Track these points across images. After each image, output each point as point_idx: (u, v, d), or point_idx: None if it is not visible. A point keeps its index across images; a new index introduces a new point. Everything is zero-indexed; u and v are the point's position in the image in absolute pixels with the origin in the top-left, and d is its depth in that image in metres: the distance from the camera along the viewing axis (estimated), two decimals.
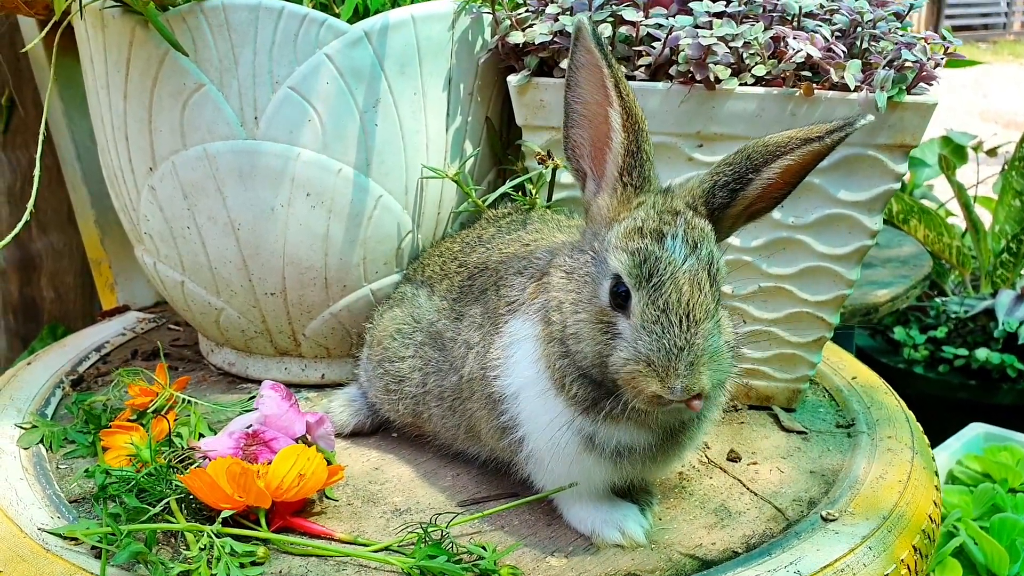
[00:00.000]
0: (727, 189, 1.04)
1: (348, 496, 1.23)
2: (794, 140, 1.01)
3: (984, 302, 3.26)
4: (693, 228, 1.01)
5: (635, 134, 1.03)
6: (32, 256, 2.30)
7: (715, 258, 1.01)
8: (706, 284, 0.99)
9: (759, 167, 1.02)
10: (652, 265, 0.98)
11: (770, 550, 1.12)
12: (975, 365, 3.12)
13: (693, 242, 1.00)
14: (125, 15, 1.29)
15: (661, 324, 0.97)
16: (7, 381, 1.48)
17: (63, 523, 1.12)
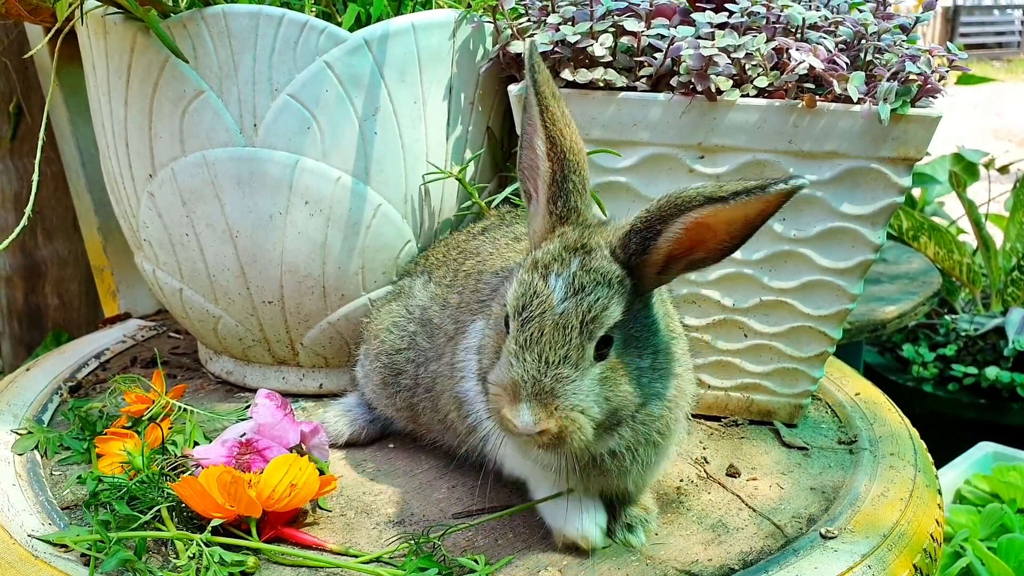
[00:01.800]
0: (640, 237, 0.99)
1: (341, 507, 1.22)
2: (699, 197, 0.94)
3: (994, 320, 3.23)
4: (588, 271, 0.99)
5: (560, 164, 1.03)
6: (37, 263, 2.30)
7: (599, 307, 0.97)
8: (573, 331, 0.96)
9: (666, 219, 0.96)
10: (528, 299, 0.98)
11: (767, 567, 1.10)
12: (985, 384, 3.09)
13: (579, 286, 0.98)
14: (127, 21, 1.29)
15: (518, 357, 0.97)
16: (5, 387, 1.48)
17: (54, 530, 1.12)
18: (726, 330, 1.41)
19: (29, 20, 1.53)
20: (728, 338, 1.42)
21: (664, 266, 1.01)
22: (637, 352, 1.02)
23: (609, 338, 0.99)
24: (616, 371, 1.00)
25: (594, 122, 1.31)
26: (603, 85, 1.29)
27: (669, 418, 1.08)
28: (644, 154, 1.31)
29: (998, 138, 8.71)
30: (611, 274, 0.99)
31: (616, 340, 1.00)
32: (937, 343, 3.32)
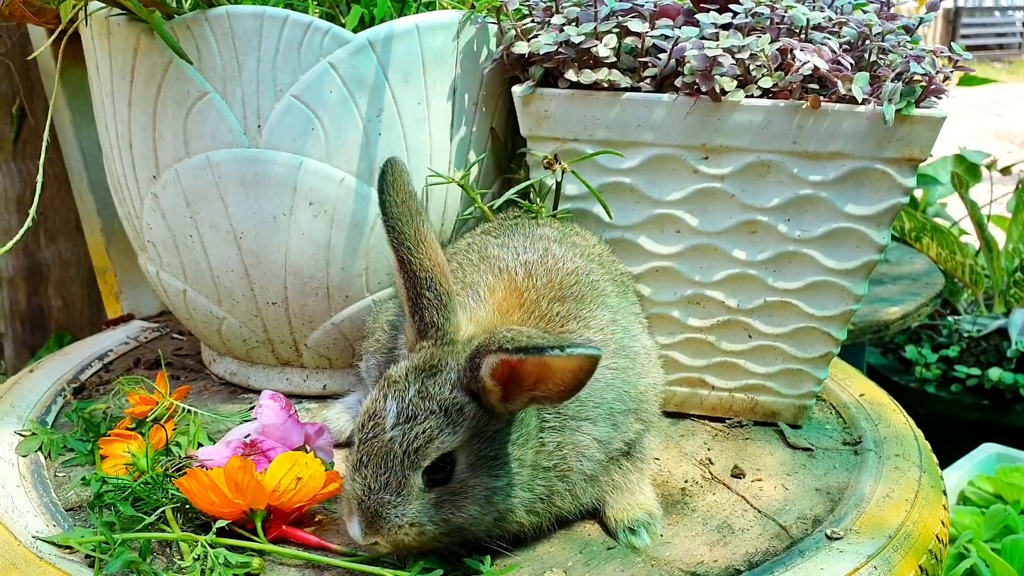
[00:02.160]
0: (469, 369, 0.99)
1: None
2: (492, 345, 0.95)
3: (997, 321, 3.23)
4: (424, 398, 0.99)
5: (411, 282, 1.05)
6: (40, 265, 2.30)
7: (426, 437, 0.98)
8: (396, 460, 0.98)
9: (478, 358, 0.97)
10: (366, 419, 1.01)
11: (773, 568, 1.10)
12: (988, 385, 3.09)
13: (410, 414, 0.99)
14: (131, 23, 1.29)
15: (351, 476, 1.01)
16: (8, 388, 1.48)
17: (58, 531, 1.12)
18: (730, 331, 1.41)
19: (32, 21, 1.53)
20: (732, 339, 1.41)
21: (505, 396, 1.00)
22: (488, 472, 1.02)
23: (445, 466, 1.00)
24: (459, 494, 1.01)
25: (598, 123, 1.31)
26: (607, 86, 1.29)
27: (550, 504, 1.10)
28: (648, 155, 1.31)
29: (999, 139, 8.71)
30: (447, 401, 0.99)
31: (460, 463, 1.01)
32: (940, 344, 3.32)
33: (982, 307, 3.46)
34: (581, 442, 1.09)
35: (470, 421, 1.00)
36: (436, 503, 1.00)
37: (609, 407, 1.11)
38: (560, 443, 1.08)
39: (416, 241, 1.05)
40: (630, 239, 1.37)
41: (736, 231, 1.34)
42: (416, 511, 0.99)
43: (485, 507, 1.02)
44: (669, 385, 1.46)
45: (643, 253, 1.37)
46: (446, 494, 1.00)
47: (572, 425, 1.09)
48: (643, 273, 1.38)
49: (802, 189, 1.30)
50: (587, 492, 1.14)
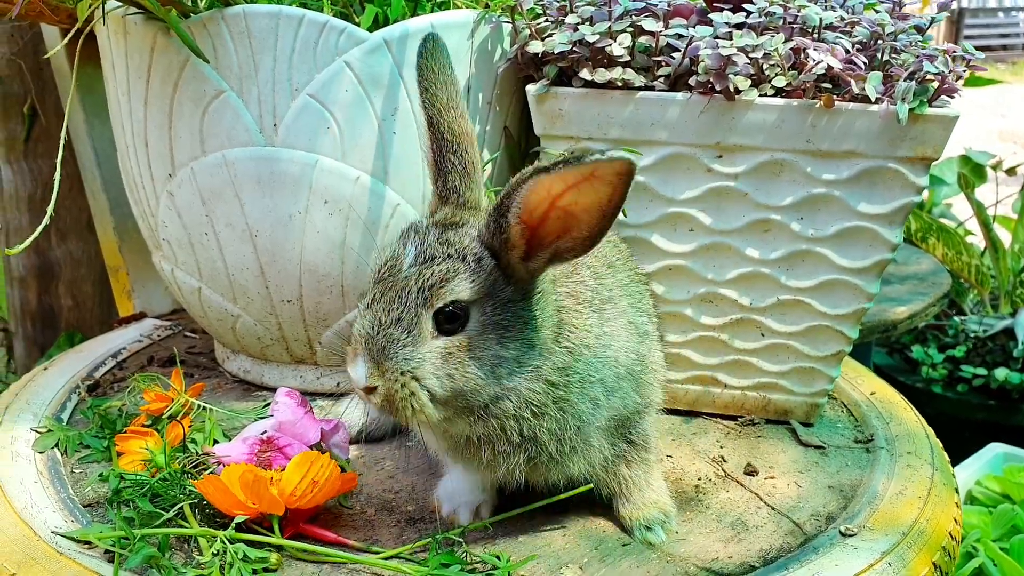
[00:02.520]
0: (495, 216, 0.97)
1: (362, 504, 1.22)
2: (529, 170, 0.93)
3: (1003, 321, 3.23)
4: (443, 243, 0.99)
5: (437, 144, 1.05)
6: (51, 264, 2.31)
7: (443, 278, 0.97)
8: (412, 295, 0.97)
9: (511, 195, 0.95)
10: (384, 263, 1.01)
11: (788, 564, 1.10)
12: (994, 385, 3.09)
13: (429, 255, 0.98)
14: (147, 22, 1.29)
15: (362, 314, 0.99)
16: (24, 385, 1.48)
17: (77, 526, 1.12)
18: (743, 329, 1.41)
19: (48, 21, 1.54)
20: (745, 337, 1.42)
21: (527, 253, 0.99)
22: (498, 340, 1.00)
23: (459, 315, 0.98)
24: (466, 351, 0.98)
25: (612, 122, 1.31)
26: (621, 85, 1.29)
27: (538, 423, 1.05)
28: (662, 153, 1.32)
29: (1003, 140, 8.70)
30: (467, 250, 0.99)
31: (472, 320, 0.99)
32: (946, 344, 3.32)
33: (988, 307, 3.46)
34: (589, 378, 1.07)
35: (487, 275, 0.98)
36: (444, 354, 0.98)
37: (615, 357, 1.10)
38: (569, 367, 1.05)
39: (447, 106, 1.06)
40: (644, 237, 1.37)
41: (749, 229, 1.34)
42: (425, 355, 0.97)
43: (489, 376, 0.99)
44: (682, 383, 1.48)
45: (656, 251, 1.38)
46: (454, 347, 0.98)
47: (586, 357, 1.07)
48: (656, 271, 1.39)
49: (815, 188, 1.30)
50: (576, 450, 1.09)
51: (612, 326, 1.11)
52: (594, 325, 1.08)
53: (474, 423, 1.03)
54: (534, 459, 1.07)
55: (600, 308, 1.11)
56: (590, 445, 1.11)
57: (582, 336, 1.07)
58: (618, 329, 1.12)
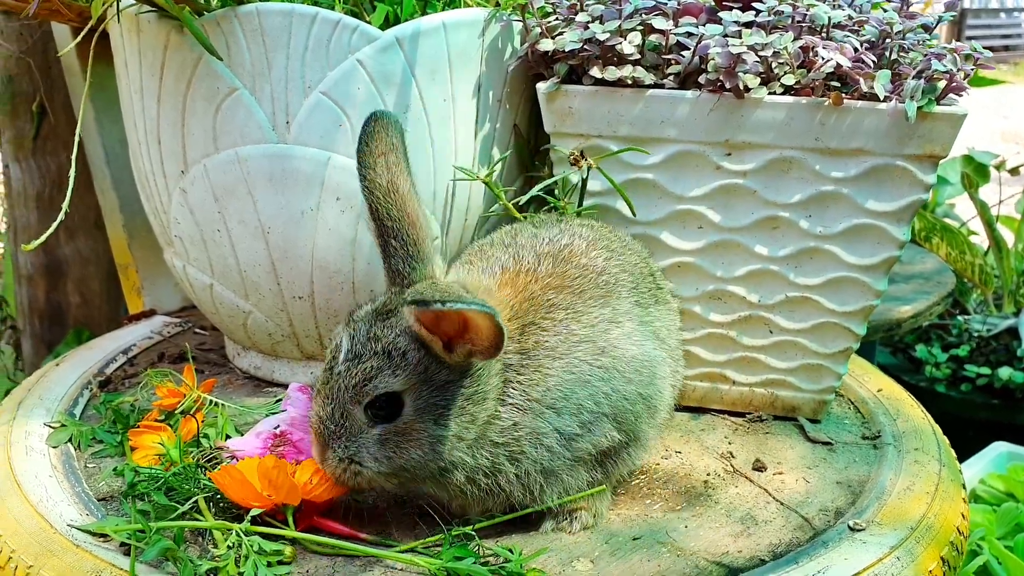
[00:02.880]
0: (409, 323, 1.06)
1: (374, 498, 1.23)
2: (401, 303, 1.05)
3: (1007, 321, 3.25)
4: (371, 339, 1.05)
5: (379, 229, 1.10)
6: (59, 261, 2.32)
7: (368, 376, 1.03)
8: (342, 392, 1.05)
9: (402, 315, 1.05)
10: (330, 352, 1.08)
11: (797, 558, 1.11)
12: (998, 384, 3.10)
13: (357, 352, 1.05)
14: (161, 20, 1.30)
15: (314, 400, 1.09)
16: (36, 381, 1.50)
17: (92, 520, 1.13)
18: (751, 326, 1.42)
19: (60, 19, 1.55)
20: (753, 334, 1.43)
21: (446, 347, 1.05)
22: (435, 420, 1.05)
23: (391, 404, 1.05)
24: (402, 435, 1.06)
25: (622, 119, 1.32)
26: (631, 83, 1.30)
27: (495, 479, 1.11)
28: (671, 151, 1.33)
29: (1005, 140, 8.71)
30: (391, 345, 1.04)
31: (407, 406, 1.05)
32: (949, 344, 3.34)
33: (991, 307, 3.47)
34: (540, 428, 1.10)
35: (414, 366, 1.04)
36: (380, 440, 1.05)
37: (579, 403, 1.11)
38: (517, 423, 1.09)
39: (387, 191, 1.09)
40: (652, 234, 1.38)
41: (758, 227, 1.35)
42: (361, 444, 1.06)
43: (429, 453, 1.06)
44: (690, 380, 1.48)
45: (665, 249, 1.39)
46: (391, 433, 1.05)
47: (535, 409, 1.09)
48: (666, 268, 1.40)
49: (824, 185, 1.31)
50: (546, 489, 1.13)
51: (580, 373, 1.12)
52: (550, 376, 1.10)
53: (435, 489, 1.11)
54: (507, 502, 1.13)
55: (567, 355, 1.11)
56: (560, 480, 1.14)
57: (529, 391, 1.10)
58: (590, 375, 1.12)
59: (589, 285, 1.18)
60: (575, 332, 1.13)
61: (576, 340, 1.12)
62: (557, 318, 1.13)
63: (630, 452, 1.19)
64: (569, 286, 1.17)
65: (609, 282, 1.20)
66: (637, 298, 1.22)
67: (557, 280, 1.17)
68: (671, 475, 1.32)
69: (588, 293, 1.17)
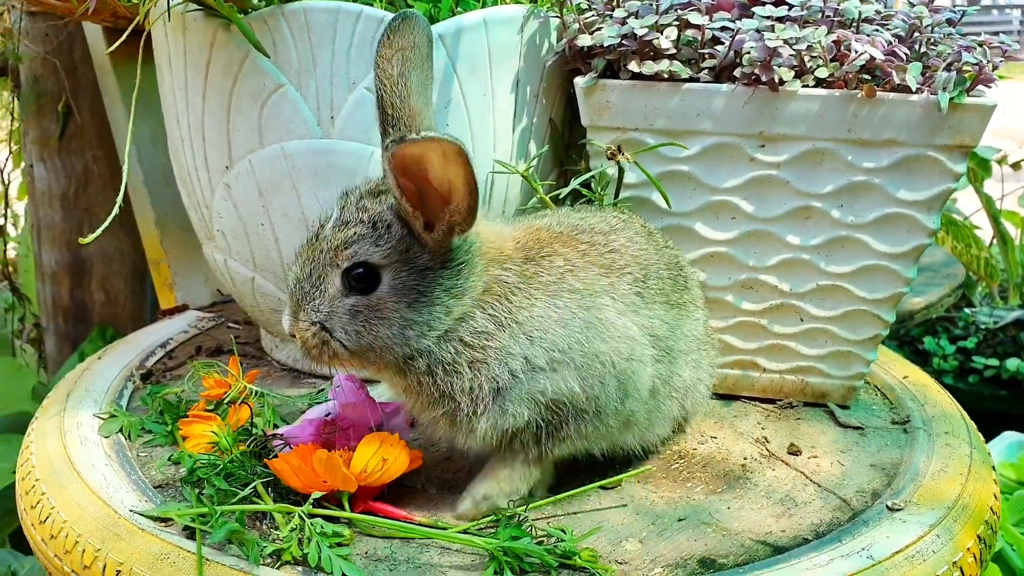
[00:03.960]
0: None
1: (423, 483, 1.26)
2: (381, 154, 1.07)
3: (1013, 313, 3.29)
4: (359, 209, 1.09)
5: (382, 117, 1.13)
6: (83, 259, 2.35)
7: (350, 241, 1.07)
8: (323, 255, 1.08)
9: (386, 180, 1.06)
10: (318, 223, 1.13)
11: (840, 537, 1.14)
12: (1005, 375, 3.14)
13: (345, 219, 1.09)
14: (207, 18, 1.33)
15: (290, 268, 1.14)
16: (81, 374, 1.52)
17: (150, 506, 1.16)
18: (783, 314, 1.45)
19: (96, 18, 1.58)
20: (784, 322, 1.46)
21: (428, 224, 1.08)
22: (409, 304, 1.08)
23: (368, 276, 1.08)
24: (375, 311, 1.08)
25: (658, 112, 1.35)
26: (667, 77, 1.33)
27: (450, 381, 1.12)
28: (707, 143, 1.36)
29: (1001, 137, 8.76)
30: (377, 217, 1.08)
31: (384, 283, 1.08)
32: (956, 336, 3.37)
33: (997, 299, 3.51)
34: (511, 349, 1.12)
35: (396, 241, 1.07)
36: (352, 311, 1.08)
37: (553, 340, 1.13)
38: (491, 334, 1.12)
39: (395, 81, 1.12)
40: (687, 225, 1.41)
41: (790, 217, 1.38)
42: (329, 309, 1.09)
43: (398, 335, 1.09)
44: (722, 368, 1.51)
45: (699, 239, 1.42)
46: (363, 306, 1.08)
47: (513, 329, 1.12)
48: (699, 258, 1.43)
49: (856, 176, 1.34)
50: (487, 415, 1.13)
51: (563, 315, 1.14)
52: (536, 306, 1.13)
53: (394, 375, 1.14)
54: (451, 414, 1.15)
55: (556, 295, 1.15)
56: (503, 411, 1.14)
57: (514, 313, 1.13)
58: (571, 321, 1.14)
59: (595, 254, 1.21)
60: (569, 282, 1.16)
61: (568, 288, 1.15)
62: (556, 264, 1.17)
63: (582, 424, 1.17)
64: (577, 247, 1.21)
65: (616, 261, 1.22)
66: (640, 289, 1.23)
67: (567, 239, 1.22)
68: (709, 459, 1.35)
69: (591, 259, 1.20)
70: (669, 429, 1.32)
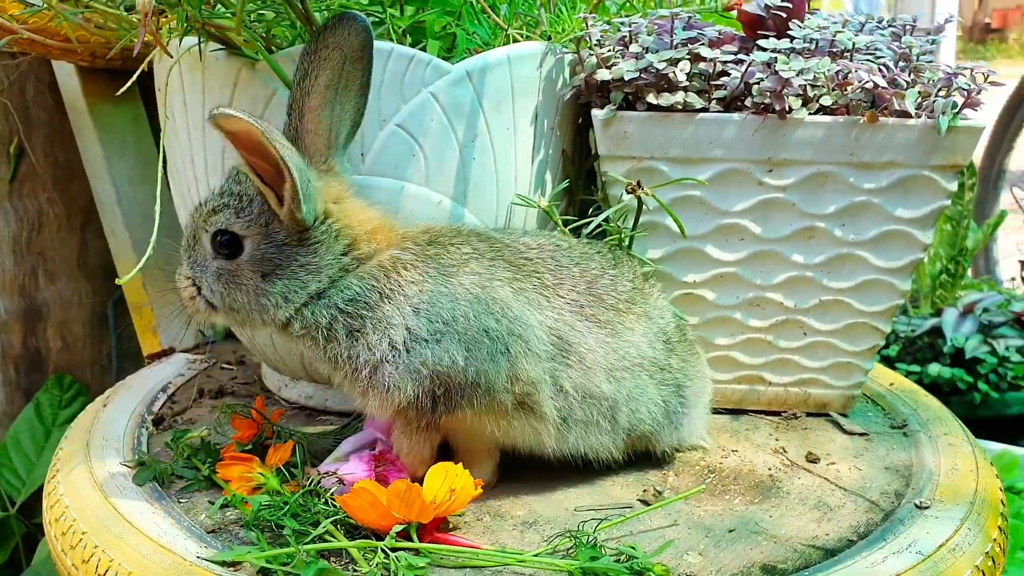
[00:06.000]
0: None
1: (475, 512, 1.27)
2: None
3: (928, 321, 3.48)
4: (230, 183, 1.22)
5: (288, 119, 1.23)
6: (38, 306, 2.26)
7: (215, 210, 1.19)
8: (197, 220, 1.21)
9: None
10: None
11: (884, 536, 1.21)
12: (927, 380, 3.32)
13: (219, 192, 1.22)
14: (230, 57, 1.33)
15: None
16: (92, 423, 1.48)
17: (211, 551, 1.14)
18: (787, 330, 1.53)
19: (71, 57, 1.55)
20: (789, 337, 1.54)
21: (280, 201, 1.17)
22: (264, 275, 1.19)
23: (231, 244, 1.19)
24: (234, 276, 1.20)
25: (673, 142, 1.41)
26: (682, 107, 1.40)
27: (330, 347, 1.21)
28: (718, 169, 1.42)
29: None
30: (243, 191, 1.19)
31: (245, 251, 1.19)
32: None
33: (910, 309, 3.71)
34: (392, 319, 1.19)
35: (257, 216, 1.18)
36: (216, 273, 1.20)
37: (439, 312, 1.19)
38: (371, 304, 1.20)
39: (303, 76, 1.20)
40: (698, 248, 1.48)
41: (795, 237, 1.46)
42: (200, 268, 1.21)
43: (254, 301, 1.20)
44: (728, 383, 1.58)
45: (709, 260, 1.48)
46: (225, 271, 1.19)
47: (398, 301, 1.19)
48: (709, 279, 1.49)
49: (857, 196, 1.43)
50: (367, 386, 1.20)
51: (456, 291, 1.20)
52: (427, 282, 1.21)
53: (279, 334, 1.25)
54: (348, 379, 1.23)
55: (453, 275, 1.21)
56: (387, 387, 1.19)
57: (405, 286, 1.20)
58: (462, 297, 1.20)
59: (508, 254, 1.27)
60: (471, 266, 1.23)
61: (468, 271, 1.22)
62: (463, 250, 1.24)
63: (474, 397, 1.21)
64: (492, 245, 1.27)
65: (526, 266, 1.28)
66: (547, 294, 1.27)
67: (486, 238, 1.28)
68: (737, 472, 1.41)
69: (502, 256, 1.27)
70: (608, 440, 1.32)
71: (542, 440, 1.29)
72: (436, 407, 1.21)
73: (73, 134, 2.01)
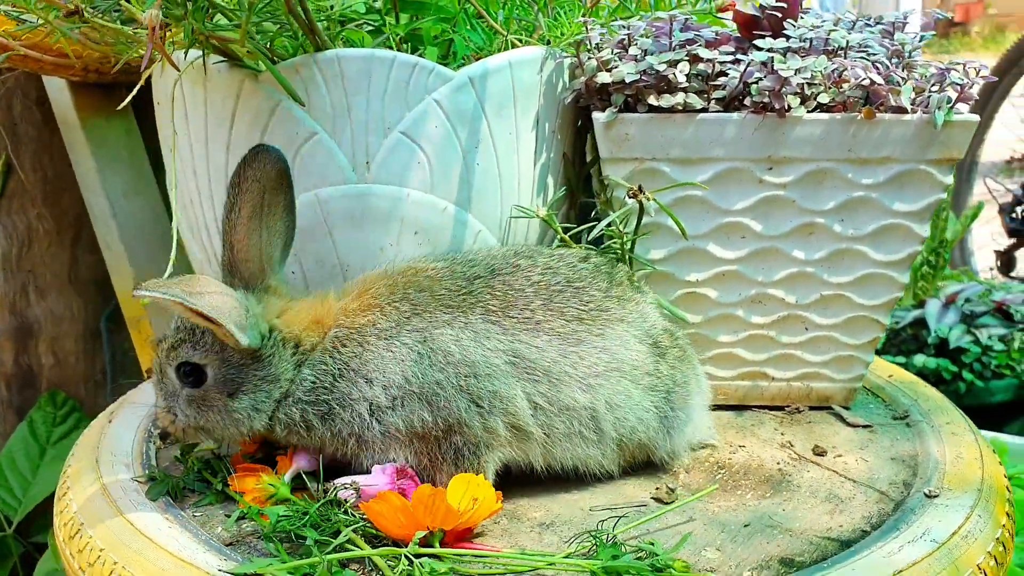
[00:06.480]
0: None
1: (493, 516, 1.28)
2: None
3: (912, 313, 3.53)
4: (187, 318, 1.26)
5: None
6: (29, 323, 2.24)
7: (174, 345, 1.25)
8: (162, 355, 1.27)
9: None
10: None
11: (897, 525, 1.23)
12: (912, 370, 3.36)
13: (177, 326, 1.27)
14: (232, 69, 1.33)
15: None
16: (98, 439, 1.47)
17: (231, 564, 1.14)
18: (789, 325, 1.55)
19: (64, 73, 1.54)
20: (791, 333, 1.55)
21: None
22: (230, 394, 1.25)
23: (195, 372, 1.25)
24: (204, 401, 1.26)
25: (674, 142, 1.43)
26: (682, 108, 1.41)
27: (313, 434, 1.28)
28: (718, 169, 1.44)
29: None
30: (194, 327, 1.25)
31: (209, 377, 1.25)
32: None
33: None
34: (351, 394, 1.25)
35: (211, 345, 1.24)
36: (188, 400, 1.26)
37: (391, 377, 1.24)
38: (327, 386, 1.26)
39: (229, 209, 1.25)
40: (700, 247, 1.49)
41: (795, 233, 1.48)
42: (169, 400, 1.28)
43: (227, 419, 1.26)
44: (732, 380, 1.60)
45: (711, 259, 1.50)
46: (195, 397, 1.26)
47: (349, 376, 1.25)
48: (711, 277, 1.51)
49: (855, 192, 1.45)
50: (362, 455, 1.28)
51: (397, 353, 1.25)
52: (368, 351, 1.26)
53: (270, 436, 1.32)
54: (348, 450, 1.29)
55: (394, 337, 1.26)
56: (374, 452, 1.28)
57: (350, 360, 1.26)
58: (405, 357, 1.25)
59: (448, 296, 1.29)
60: (412, 323, 1.27)
61: (408, 329, 1.26)
62: (400, 309, 1.28)
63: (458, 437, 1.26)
64: (433, 293, 1.29)
65: (469, 300, 1.29)
66: (497, 319, 1.29)
67: (425, 287, 1.30)
68: (746, 467, 1.42)
69: (442, 302, 1.29)
70: (597, 452, 1.34)
71: (529, 458, 1.32)
72: (459, 464, 1.27)
73: (62, 149, 2.00)
